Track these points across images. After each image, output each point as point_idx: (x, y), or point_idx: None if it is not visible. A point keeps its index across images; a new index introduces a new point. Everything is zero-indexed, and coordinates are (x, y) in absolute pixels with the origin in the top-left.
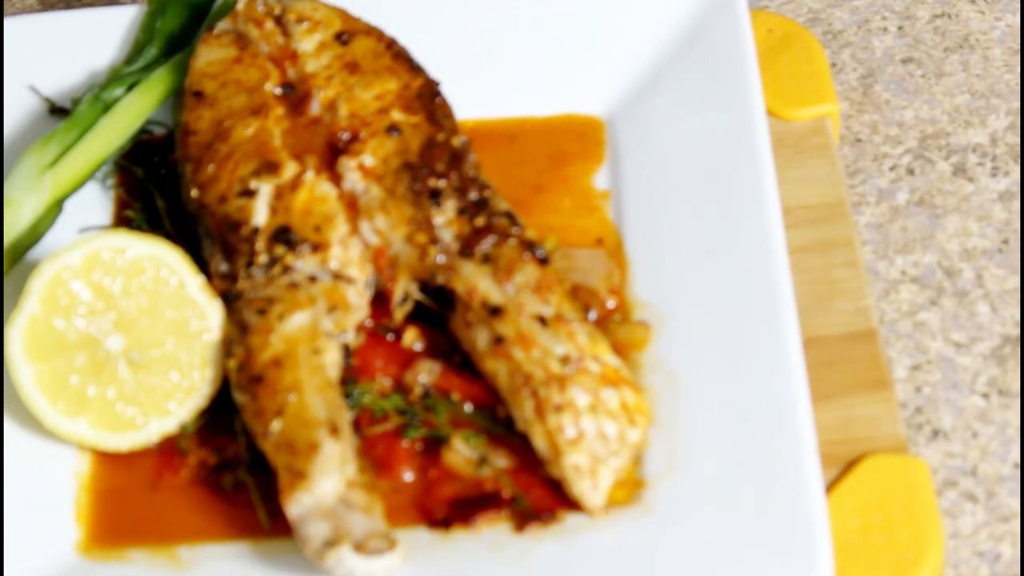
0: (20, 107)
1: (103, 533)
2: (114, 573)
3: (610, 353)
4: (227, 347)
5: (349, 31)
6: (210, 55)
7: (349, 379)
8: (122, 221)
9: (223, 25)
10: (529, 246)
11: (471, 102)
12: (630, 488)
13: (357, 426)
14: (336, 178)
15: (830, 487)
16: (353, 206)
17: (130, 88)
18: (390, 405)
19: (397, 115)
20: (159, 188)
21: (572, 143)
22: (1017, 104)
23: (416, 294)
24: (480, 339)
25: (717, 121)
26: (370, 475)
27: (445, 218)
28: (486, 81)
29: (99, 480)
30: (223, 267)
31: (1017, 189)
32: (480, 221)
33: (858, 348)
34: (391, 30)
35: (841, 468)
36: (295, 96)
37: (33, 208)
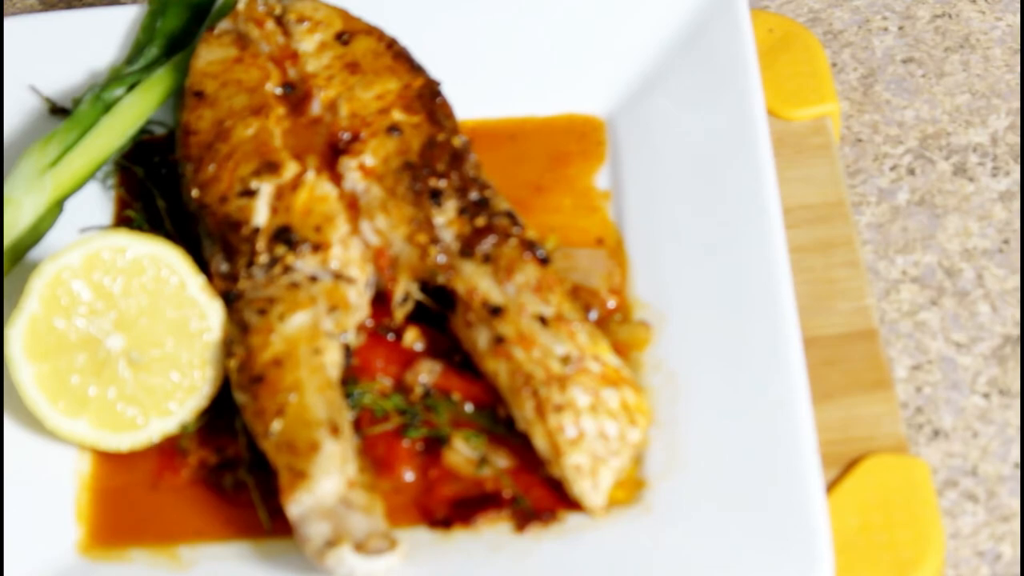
0: (20, 107)
1: (103, 533)
2: (114, 573)
3: (611, 353)
4: (228, 347)
5: (350, 31)
6: (211, 55)
7: (350, 379)
8: (122, 221)
9: (224, 25)
10: (530, 246)
11: (471, 102)
12: (630, 488)
13: (358, 426)
14: (337, 178)
15: (830, 487)
16: (354, 206)
17: (130, 88)
18: (391, 405)
19: (398, 115)
20: (159, 188)
21: (572, 143)
22: (1017, 104)
23: (416, 294)
24: (480, 339)
25: (717, 121)
26: (371, 475)
27: (446, 218)
28: (486, 81)
29: (99, 480)
30: (224, 267)
31: (1017, 189)
32: (481, 221)
33: (858, 348)
34: (391, 30)
35: (841, 468)
36: (296, 96)
37: (33, 208)
